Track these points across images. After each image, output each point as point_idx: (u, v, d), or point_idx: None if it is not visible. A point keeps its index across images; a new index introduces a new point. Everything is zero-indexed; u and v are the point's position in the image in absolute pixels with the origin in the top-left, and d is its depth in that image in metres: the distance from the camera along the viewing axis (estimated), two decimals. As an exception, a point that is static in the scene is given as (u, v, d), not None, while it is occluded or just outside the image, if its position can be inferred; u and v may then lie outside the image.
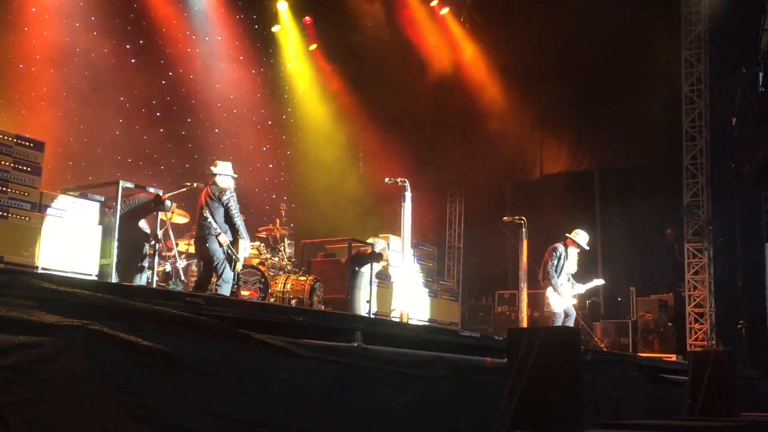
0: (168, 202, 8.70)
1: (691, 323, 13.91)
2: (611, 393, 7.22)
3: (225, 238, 8.45)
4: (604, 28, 14.23)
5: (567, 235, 10.66)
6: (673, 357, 12.35)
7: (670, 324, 13.61)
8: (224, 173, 8.74)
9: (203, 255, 8.59)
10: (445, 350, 5.58)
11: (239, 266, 8.62)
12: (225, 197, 8.55)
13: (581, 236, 10.58)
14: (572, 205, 15.56)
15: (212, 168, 8.79)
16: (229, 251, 8.47)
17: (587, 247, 10.67)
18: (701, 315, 13.86)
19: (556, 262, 10.42)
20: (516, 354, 4.60)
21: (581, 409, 4.78)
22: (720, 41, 14.06)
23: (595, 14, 14.24)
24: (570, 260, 10.54)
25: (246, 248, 8.78)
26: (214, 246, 8.42)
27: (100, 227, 8.25)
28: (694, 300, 13.97)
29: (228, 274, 8.41)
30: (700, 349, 12.89)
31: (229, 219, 8.56)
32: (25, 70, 11.69)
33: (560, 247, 10.54)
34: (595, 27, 14.33)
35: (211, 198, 8.57)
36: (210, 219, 8.46)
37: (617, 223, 15.86)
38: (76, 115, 12.12)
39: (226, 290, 8.35)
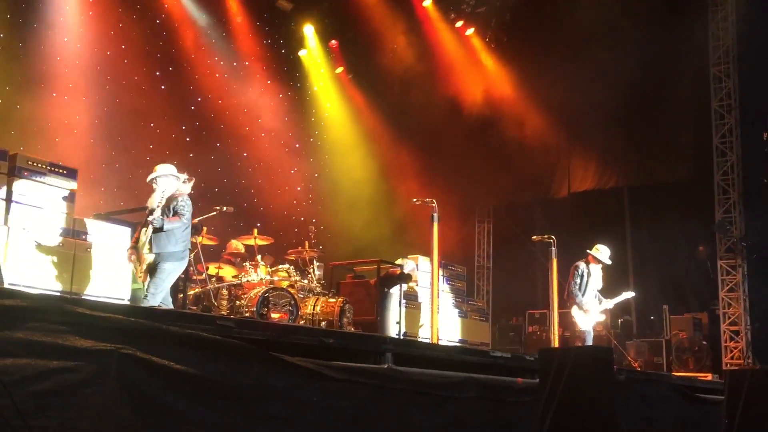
0: (200, 226, 8.79)
1: (726, 341, 13.68)
2: (645, 413, 7.11)
3: None
4: (631, 43, 14.17)
5: (588, 251, 10.62)
6: (709, 376, 12.16)
7: (704, 342, 13.40)
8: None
9: None
10: (476, 371, 5.55)
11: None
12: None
13: (602, 251, 10.53)
14: (602, 223, 15.42)
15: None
16: None
17: (609, 262, 10.60)
18: (736, 333, 13.63)
19: (579, 281, 10.40)
20: (548, 374, 4.56)
21: (615, 429, 4.72)
22: (749, 55, 13.93)
23: (623, 30, 14.20)
24: (594, 276, 10.48)
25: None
26: None
27: (132, 252, 8.34)
28: (729, 318, 13.75)
29: None
30: (736, 367, 12.67)
31: None
32: (57, 98, 11.91)
33: (581, 265, 10.50)
34: (622, 42, 14.27)
35: None
36: None
37: (648, 240, 15.71)
38: (108, 141, 12.31)
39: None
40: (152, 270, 7.58)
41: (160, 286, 7.50)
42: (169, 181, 7.84)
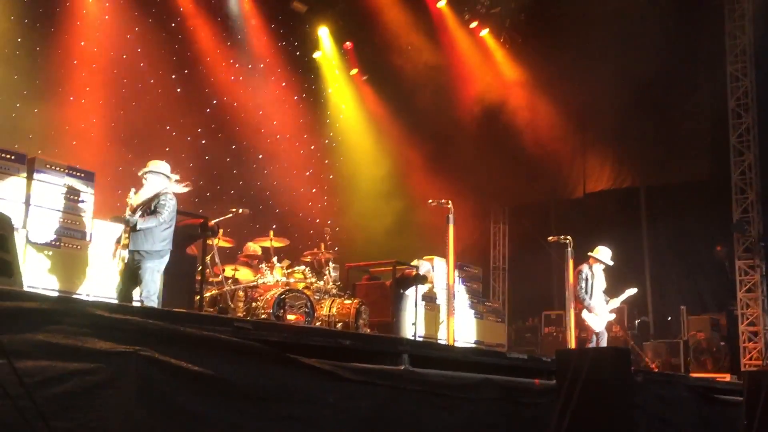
0: (216, 228, 8.85)
1: (744, 342, 13.58)
2: (663, 415, 7.06)
3: None
4: (647, 42, 14.10)
5: (589, 254, 10.64)
6: (727, 377, 12.06)
7: (723, 343, 13.31)
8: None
9: None
10: (493, 372, 5.53)
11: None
12: None
13: (603, 253, 10.56)
14: (619, 223, 15.37)
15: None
16: None
17: (611, 263, 10.63)
18: (755, 334, 13.52)
19: (584, 284, 10.45)
20: (565, 375, 4.55)
21: (632, 431, 4.70)
22: (766, 54, 13.83)
23: (638, 29, 14.14)
24: (597, 278, 10.53)
25: None
26: None
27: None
28: (747, 318, 13.64)
29: None
30: (755, 368, 12.57)
31: None
32: (75, 101, 12.01)
33: (584, 268, 10.53)
34: (637, 42, 14.20)
35: None
36: None
37: (665, 240, 15.63)
38: (124, 144, 12.39)
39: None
40: (133, 271, 7.53)
41: (150, 285, 7.50)
42: (159, 179, 7.85)
